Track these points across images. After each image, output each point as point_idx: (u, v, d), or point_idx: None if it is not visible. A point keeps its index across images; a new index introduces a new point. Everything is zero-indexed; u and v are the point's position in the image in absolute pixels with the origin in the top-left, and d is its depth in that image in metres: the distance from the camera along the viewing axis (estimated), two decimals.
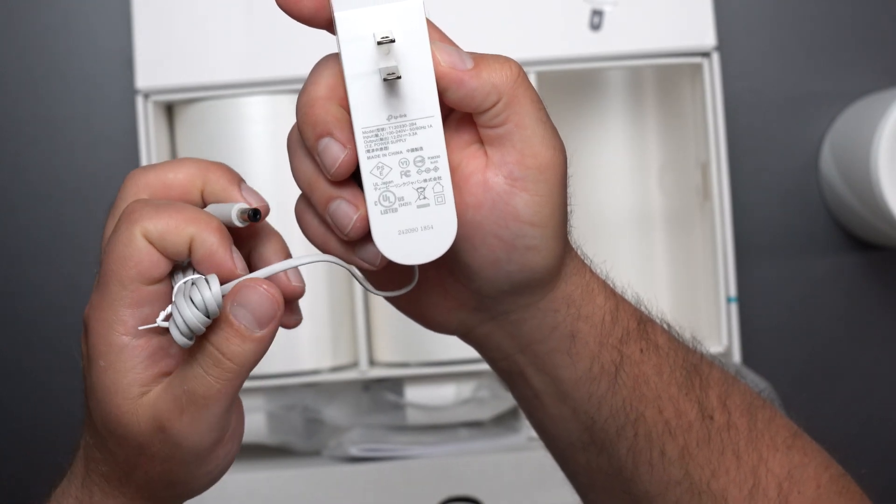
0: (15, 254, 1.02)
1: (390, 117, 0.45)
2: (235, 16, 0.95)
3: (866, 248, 1.03)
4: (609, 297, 0.53)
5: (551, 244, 0.49)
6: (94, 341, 0.46)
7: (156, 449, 0.46)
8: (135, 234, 0.46)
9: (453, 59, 0.46)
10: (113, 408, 0.46)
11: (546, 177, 0.48)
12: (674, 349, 0.53)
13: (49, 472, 1.07)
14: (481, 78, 0.46)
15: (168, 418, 0.46)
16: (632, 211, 1.00)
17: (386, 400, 0.97)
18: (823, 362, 1.03)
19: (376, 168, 0.45)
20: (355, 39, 0.45)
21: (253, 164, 0.94)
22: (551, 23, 0.95)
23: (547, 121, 0.48)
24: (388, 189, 0.46)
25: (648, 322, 0.53)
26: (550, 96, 0.97)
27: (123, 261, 0.46)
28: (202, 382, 0.45)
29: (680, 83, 1.00)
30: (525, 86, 0.47)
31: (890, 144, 0.90)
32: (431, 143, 0.45)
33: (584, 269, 0.52)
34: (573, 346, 0.51)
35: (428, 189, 0.46)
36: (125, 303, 0.46)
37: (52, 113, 1.01)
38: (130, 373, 0.46)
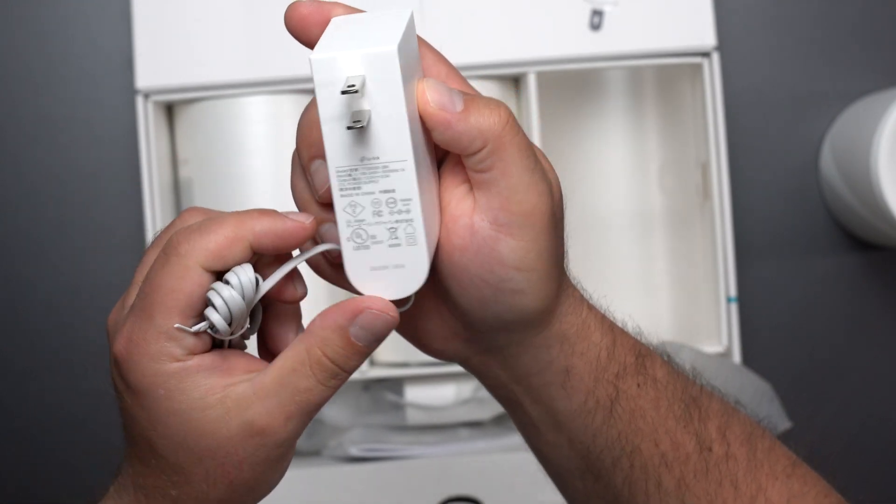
0: (15, 254, 1.02)
1: (363, 159, 0.46)
2: (235, 16, 0.95)
3: (866, 248, 1.03)
4: (606, 334, 0.52)
5: (539, 287, 0.49)
6: (143, 374, 0.46)
7: (247, 454, 0.47)
8: (190, 266, 0.46)
9: (443, 99, 0.46)
10: (192, 426, 0.46)
11: (531, 222, 0.47)
12: (672, 382, 0.53)
13: (49, 472, 1.07)
14: (468, 122, 0.47)
15: (270, 424, 0.47)
16: (632, 211, 1.00)
17: (386, 400, 0.97)
18: (823, 362, 1.03)
19: (349, 206, 0.46)
20: (327, 84, 0.45)
21: (253, 164, 0.94)
22: (551, 23, 0.95)
23: (535, 167, 0.48)
24: (361, 227, 0.46)
25: (647, 356, 0.53)
26: (550, 96, 0.97)
27: (173, 293, 0.46)
28: (318, 393, 0.47)
29: (680, 83, 1.00)
30: (513, 132, 0.47)
31: (890, 144, 0.90)
32: (403, 186, 0.46)
33: (580, 307, 0.52)
34: (568, 381, 0.52)
35: (400, 230, 0.46)
36: (171, 334, 0.46)
37: (52, 113, 1.01)
38: (197, 389, 0.46)
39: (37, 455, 1.02)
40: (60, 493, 1.01)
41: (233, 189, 0.94)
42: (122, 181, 1.01)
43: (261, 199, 0.94)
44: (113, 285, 1.01)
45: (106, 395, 0.51)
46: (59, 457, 1.02)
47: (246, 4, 0.95)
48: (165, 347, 0.46)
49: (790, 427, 0.93)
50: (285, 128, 0.95)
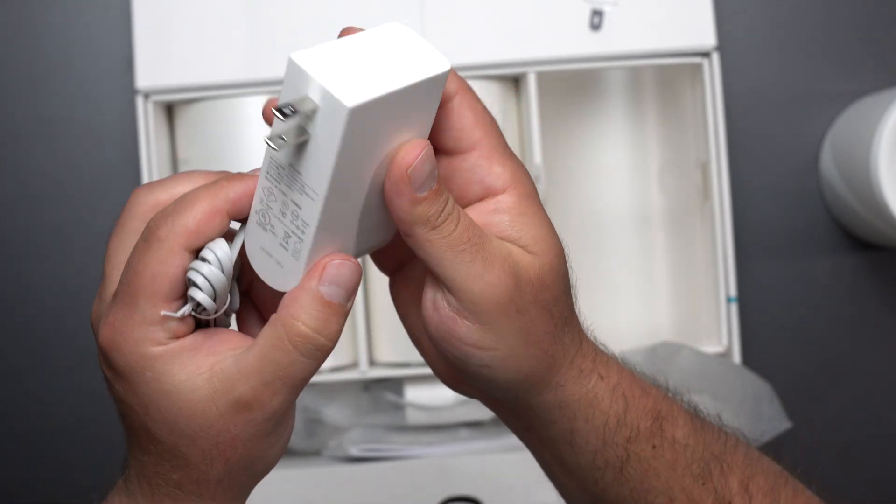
0: (15, 254, 1.02)
1: (292, 166, 0.46)
2: (235, 16, 0.95)
3: (866, 248, 1.03)
4: (617, 401, 0.52)
5: (507, 364, 0.49)
6: (131, 359, 0.46)
7: (238, 430, 0.47)
8: (173, 249, 0.46)
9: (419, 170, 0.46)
10: (182, 406, 0.47)
11: (482, 308, 0.48)
12: (693, 442, 0.53)
13: (49, 472, 1.07)
14: (413, 209, 0.46)
15: (258, 399, 0.47)
16: (632, 211, 1.00)
17: (386, 400, 0.97)
18: (823, 362, 1.03)
19: (266, 190, 0.47)
20: (290, 86, 0.45)
21: (253, 165, 0.94)
22: (551, 23, 0.95)
23: (474, 259, 0.47)
24: (267, 212, 0.47)
25: (667, 417, 0.53)
26: (550, 96, 0.98)
27: (156, 278, 0.46)
28: (302, 367, 0.47)
29: (680, 83, 1.00)
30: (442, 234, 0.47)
31: (890, 144, 0.90)
32: (308, 212, 0.46)
33: (587, 378, 0.52)
34: (574, 440, 0.52)
35: (292, 239, 0.47)
36: (156, 319, 0.46)
37: (52, 113, 1.01)
38: (184, 370, 0.47)
39: (36, 455, 1.02)
40: (60, 493, 1.01)
41: None
42: (122, 181, 1.01)
43: None
44: None
45: (106, 396, 0.51)
46: (58, 457, 1.02)
47: (246, 4, 0.95)
48: (150, 332, 0.46)
49: (790, 427, 0.93)
50: None
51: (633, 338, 0.98)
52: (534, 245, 0.49)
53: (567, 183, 1.00)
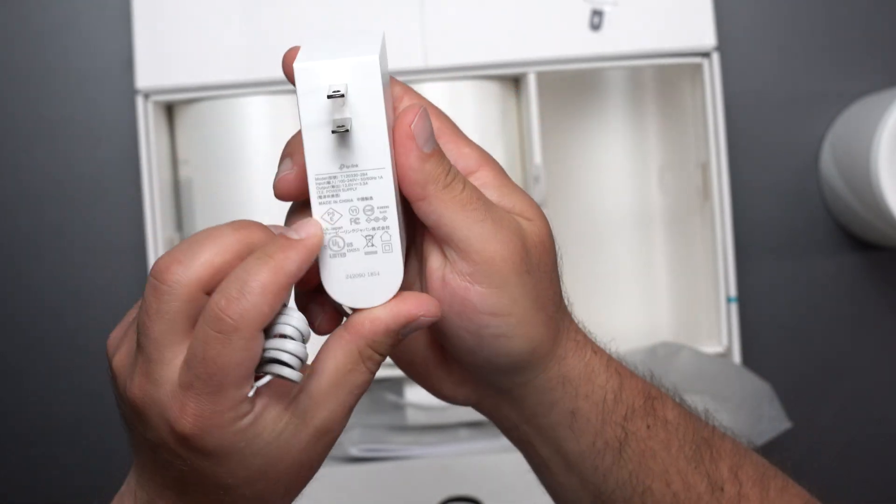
0: (15, 254, 1.02)
1: (342, 166, 0.47)
2: (235, 16, 0.95)
3: (866, 248, 1.03)
4: (612, 377, 0.53)
5: (522, 330, 0.50)
6: (222, 438, 0.46)
7: (318, 454, 0.49)
8: (252, 334, 0.45)
9: (420, 128, 0.48)
10: (272, 457, 0.47)
11: (495, 270, 0.49)
12: (684, 423, 0.54)
13: (49, 473, 1.07)
14: (422, 166, 0.48)
15: (336, 420, 0.48)
16: (632, 211, 1.00)
17: (386, 400, 0.97)
18: (823, 362, 1.03)
19: (327, 213, 0.47)
20: (310, 91, 0.46)
21: (253, 165, 0.94)
22: (551, 23, 0.95)
23: (485, 217, 0.49)
24: (338, 234, 0.47)
25: (657, 398, 0.54)
26: (550, 96, 0.98)
27: (242, 364, 0.45)
28: (369, 381, 0.49)
29: (680, 83, 1.00)
30: (454, 192, 0.48)
31: (890, 144, 0.90)
32: (381, 194, 0.47)
33: (582, 351, 0.53)
34: (574, 422, 0.53)
35: (376, 237, 0.47)
36: (242, 398, 0.46)
37: (52, 113, 1.01)
38: (270, 426, 0.47)
39: (36, 456, 1.02)
40: (60, 493, 1.01)
41: (233, 189, 0.94)
42: (122, 181, 1.01)
43: (261, 199, 0.94)
44: (113, 285, 1.01)
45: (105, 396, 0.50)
46: (58, 458, 1.02)
47: (246, 5, 0.95)
48: (239, 410, 0.46)
49: (790, 427, 0.93)
50: (285, 128, 0.95)
51: (633, 338, 0.98)
52: (527, 211, 0.51)
53: (567, 183, 1.00)
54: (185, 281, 0.45)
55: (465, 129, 0.96)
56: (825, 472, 1.04)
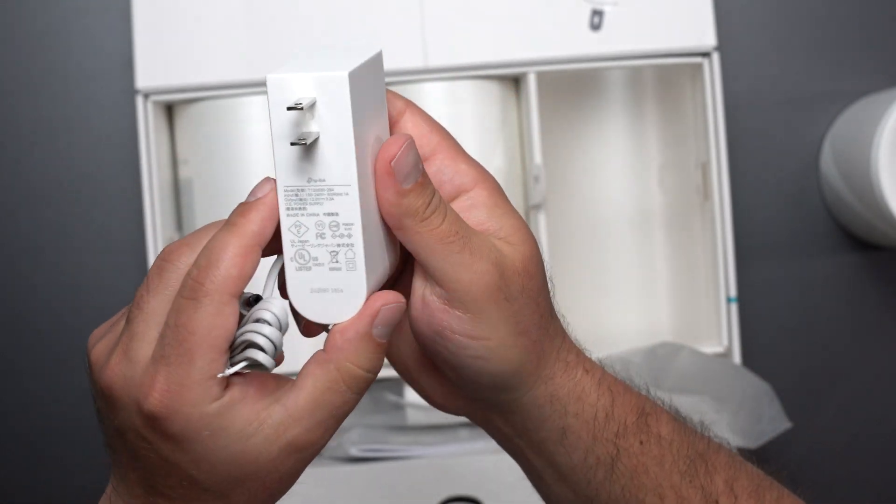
0: (15, 254, 1.02)
1: (310, 180, 0.46)
2: (235, 16, 0.95)
3: (866, 248, 1.03)
4: (603, 395, 0.53)
5: (501, 354, 0.50)
6: (188, 421, 0.46)
7: (287, 469, 0.48)
8: (223, 300, 0.46)
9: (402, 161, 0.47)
10: (236, 456, 0.47)
11: (472, 297, 0.49)
12: (678, 438, 0.54)
13: (49, 472, 1.07)
14: (400, 201, 0.47)
15: (311, 440, 0.48)
16: (632, 211, 1.00)
17: (386, 400, 0.97)
18: (823, 362, 1.03)
19: (294, 226, 0.47)
20: (280, 103, 0.46)
21: (253, 164, 0.94)
22: (551, 23, 0.95)
23: (462, 250, 0.48)
24: (304, 248, 0.47)
25: (651, 413, 0.54)
26: (550, 96, 0.97)
27: (213, 333, 0.46)
28: (352, 402, 0.48)
29: (680, 83, 1.00)
30: (431, 226, 0.48)
31: (890, 144, 0.90)
32: (347, 211, 0.46)
33: (573, 370, 0.53)
34: (565, 439, 0.53)
35: (341, 254, 0.47)
36: (212, 374, 0.46)
37: (52, 113, 1.01)
38: (238, 421, 0.47)
39: (36, 455, 1.02)
40: (60, 493, 1.01)
41: (233, 189, 0.94)
42: (122, 181, 1.01)
43: None
44: (113, 285, 1.01)
45: None
46: (58, 457, 1.02)
47: (246, 5, 0.95)
48: (208, 389, 0.46)
49: (790, 427, 0.93)
50: None
51: (632, 338, 0.98)
52: (513, 235, 0.51)
53: (567, 183, 1.00)
54: (190, 262, 0.47)
55: (465, 129, 0.96)
56: (825, 472, 1.04)
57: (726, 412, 0.92)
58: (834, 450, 1.04)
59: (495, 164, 0.96)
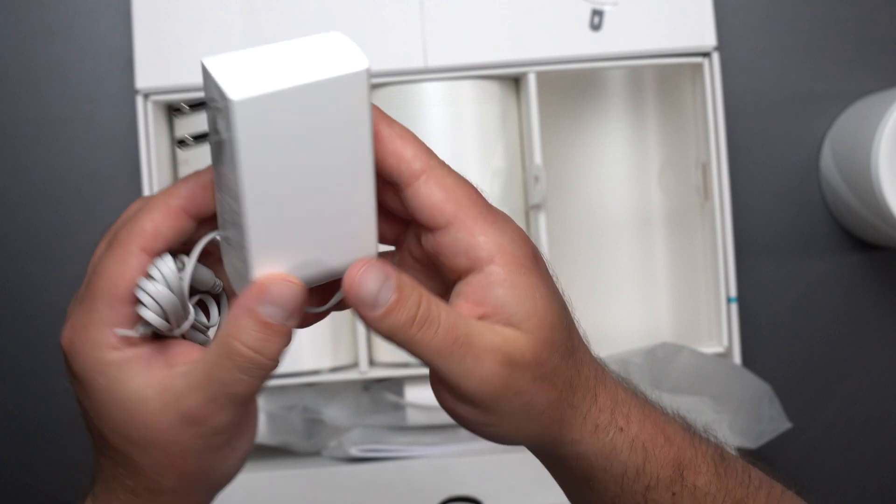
0: (15, 254, 1.02)
1: (218, 169, 0.47)
2: (235, 16, 0.95)
3: (866, 248, 1.03)
4: (636, 451, 0.52)
5: (517, 435, 0.50)
6: (86, 363, 0.47)
7: (188, 443, 0.47)
8: (131, 250, 0.46)
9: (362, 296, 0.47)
10: (132, 418, 0.47)
11: (479, 400, 0.49)
12: (715, 488, 0.53)
13: (48, 472, 1.07)
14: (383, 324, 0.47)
15: (206, 414, 0.47)
16: (632, 211, 1.00)
17: (386, 400, 0.97)
18: (823, 362, 1.03)
19: (218, 202, 0.47)
20: (204, 88, 0.46)
21: None
22: (551, 23, 0.95)
23: (464, 358, 0.47)
24: (225, 224, 0.48)
25: (689, 466, 0.52)
26: (550, 96, 0.98)
27: (113, 279, 0.46)
28: (245, 385, 0.47)
29: (680, 83, 1.00)
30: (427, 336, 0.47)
31: (890, 144, 0.90)
32: (239, 212, 0.45)
33: (603, 432, 0.51)
34: (592, 485, 0.52)
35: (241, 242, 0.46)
36: (113, 322, 0.47)
37: (52, 113, 1.01)
38: (136, 380, 0.47)
39: (37, 455, 1.02)
40: (61, 493, 1.01)
41: None
42: (122, 181, 1.01)
43: None
44: None
45: None
46: (59, 457, 1.02)
47: (246, 5, 0.95)
48: (107, 335, 0.47)
49: (790, 427, 0.93)
50: None
51: (633, 338, 0.98)
52: (527, 322, 0.48)
53: (567, 183, 1.00)
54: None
55: (465, 129, 0.96)
56: (825, 472, 1.04)
57: (726, 412, 0.92)
58: (834, 450, 1.04)
59: (495, 164, 0.96)
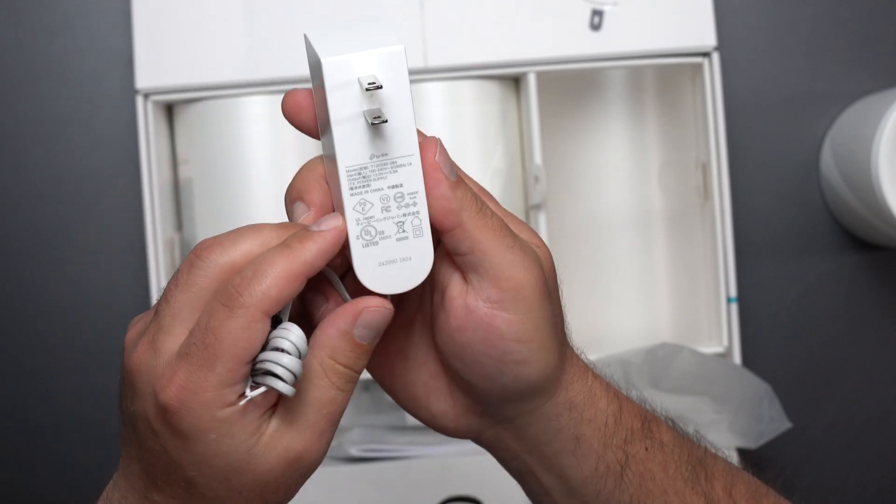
0: (15, 253, 1.02)
1: (373, 156, 0.48)
2: (235, 16, 0.95)
3: (866, 248, 1.03)
4: (612, 400, 0.54)
5: (541, 356, 0.51)
6: (197, 422, 0.47)
7: (286, 479, 0.49)
8: (256, 316, 0.46)
9: (444, 159, 0.49)
10: (237, 465, 0.47)
11: (523, 296, 0.49)
12: (678, 445, 0.55)
13: (50, 472, 1.07)
14: (454, 194, 0.49)
15: (306, 448, 0.48)
16: (632, 211, 1.00)
17: (386, 400, 0.97)
18: (823, 362, 1.03)
19: (359, 204, 0.48)
20: (341, 85, 0.47)
21: (253, 164, 0.94)
22: (551, 23, 0.95)
23: (514, 244, 0.50)
24: (370, 224, 0.49)
25: (653, 421, 0.55)
26: (550, 96, 0.97)
27: (239, 345, 0.46)
28: (341, 400, 0.49)
29: (680, 83, 1.00)
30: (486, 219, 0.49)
31: (890, 144, 0.90)
32: (410, 180, 0.48)
33: (585, 375, 0.54)
34: (578, 448, 0.53)
35: (407, 223, 0.48)
36: (231, 382, 0.47)
37: (52, 113, 1.01)
38: (244, 431, 0.47)
39: (38, 455, 1.02)
40: (61, 493, 1.01)
41: (233, 189, 0.94)
42: (122, 181, 1.01)
43: (261, 198, 0.94)
44: (113, 285, 1.01)
45: (108, 395, 0.51)
46: (60, 457, 1.02)
47: (246, 5, 0.95)
48: (224, 395, 0.47)
49: (790, 427, 0.93)
50: (285, 128, 0.94)
51: (632, 338, 0.98)
52: (536, 240, 0.52)
53: (567, 183, 1.00)
54: (220, 262, 0.48)
55: (465, 129, 0.96)
56: (825, 472, 1.04)
57: (726, 412, 0.92)
58: (834, 450, 1.04)
59: (495, 165, 0.96)
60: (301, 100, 0.50)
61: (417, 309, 0.54)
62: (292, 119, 0.51)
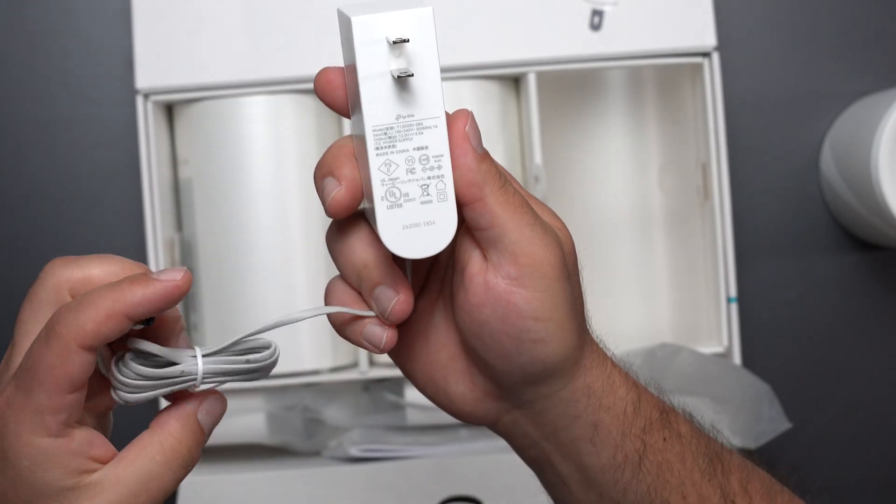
0: (15, 254, 1.02)
1: (399, 117, 0.48)
2: (235, 16, 0.95)
3: (866, 248, 1.03)
4: (631, 389, 0.54)
5: (560, 336, 0.51)
6: (13, 440, 0.46)
7: None
8: (70, 346, 0.46)
9: (473, 131, 0.49)
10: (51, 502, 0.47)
11: (542, 272, 0.49)
12: (696, 437, 0.55)
13: None
14: (479, 167, 0.49)
15: None
16: (632, 211, 1.00)
17: (386, 400, 0.97)
18: (823, 362, 1.03)
19: (384, 164, 0.48)
20: (370, 42, 0.47)
21: (253, 165, 0.94)
22: (551, 23, 0.95)
23: (535, 222, 0.50)
24: (395, 185, 0.48)
25: (671, 412, 0.55)
26: (550, 96, 0.98)
27: (53, 372, 0.46)
28: (170, 479, 0.48)
29: (680, 83, 1.00)
30: (508, 195, 0.49)
31: (890, 144, 0.90)
32: (436, 143, 0.48)
33: (604, 362, 0.54)
34: (596, 436, 0.53)
35: (431, 186, 0.48)
36: (51, 410, 0.46)
37: (52, 113, 1.01)
38: (59, 469, 0.47)
39: None
40: None
41: (233, 189, 0.94)
42: (122, 181, 1.01)
43: (261, 198, 0.94)
44: None
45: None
46: None
47: (246, 5, 0.95)
48: (44, 421, 0.46)
49: (790, 427, 0.93)
50: (285, 128, 0.95)
51: (632, 338, 0.98)
52: (556, 221, 0.53)
53: (567, 183, 1.00)
54: (60, 277, 0.50)
55: None
56: (825, 472, 1.04)
57: (726, 412, 0.92)
58: (834, 450, 1.04)
59: None
60: (333, 77, 0.50)
61: (439, 292, 0.54)
62: (324, 96, 0.51)
